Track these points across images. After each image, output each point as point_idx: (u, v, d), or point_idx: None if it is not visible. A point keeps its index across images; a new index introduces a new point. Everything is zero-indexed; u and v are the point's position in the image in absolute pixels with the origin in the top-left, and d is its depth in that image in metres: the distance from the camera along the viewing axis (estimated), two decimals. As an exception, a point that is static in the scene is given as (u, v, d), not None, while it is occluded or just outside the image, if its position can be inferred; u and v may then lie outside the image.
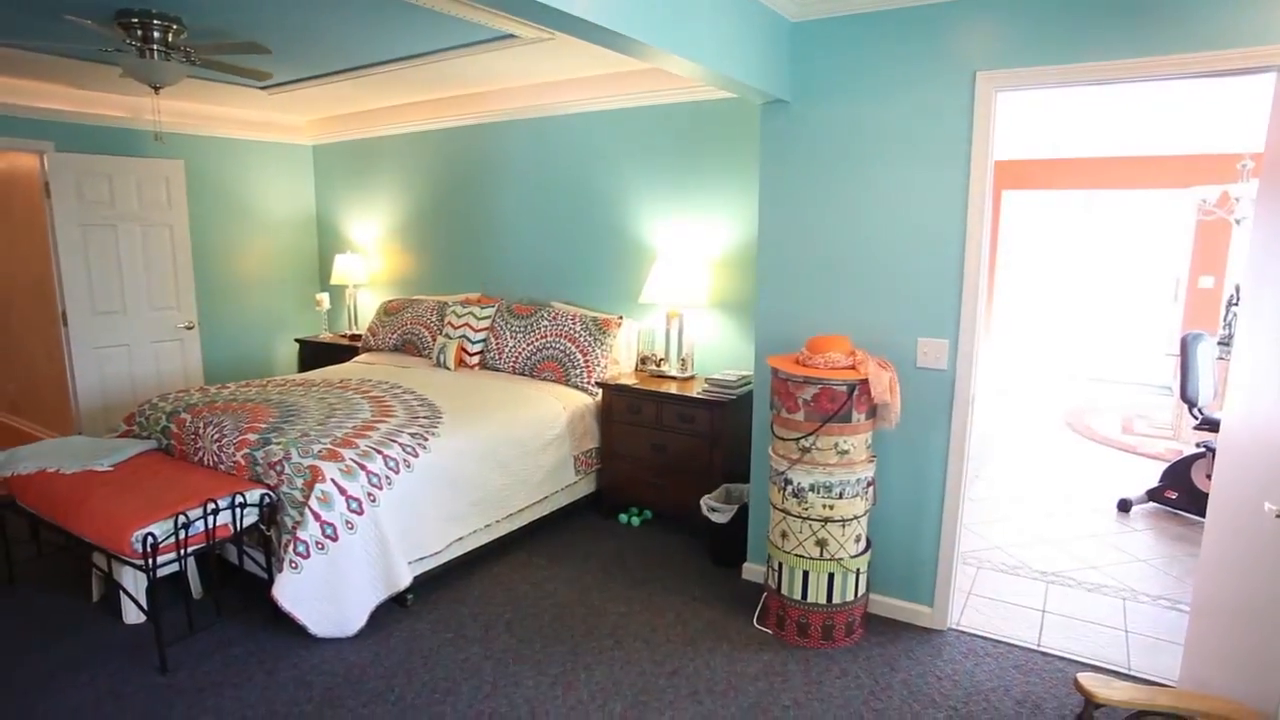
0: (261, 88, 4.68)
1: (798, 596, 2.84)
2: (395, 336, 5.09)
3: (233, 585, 3.13)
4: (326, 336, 5.95)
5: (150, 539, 2.54)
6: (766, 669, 2.70)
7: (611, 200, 4.48)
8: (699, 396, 3.67)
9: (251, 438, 3.15)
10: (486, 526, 3.46)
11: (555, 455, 3.82)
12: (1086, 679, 1.84)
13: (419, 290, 5.60)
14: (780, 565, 2.88)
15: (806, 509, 2.78)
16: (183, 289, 5.33)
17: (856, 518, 2.80)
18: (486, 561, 3.52)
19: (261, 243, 5.91)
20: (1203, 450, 4.15)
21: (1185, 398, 4.22)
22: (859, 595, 2.87)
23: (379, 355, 5.09)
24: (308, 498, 2.81)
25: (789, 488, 2.80)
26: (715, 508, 3.43)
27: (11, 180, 5.17)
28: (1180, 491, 4.21)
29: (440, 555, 3.22)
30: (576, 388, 4.15)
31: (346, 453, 2.97)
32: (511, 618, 3.04)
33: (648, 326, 4.37)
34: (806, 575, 2.82)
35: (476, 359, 4.60)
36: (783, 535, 2.87)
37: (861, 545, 2.87)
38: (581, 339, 4.22)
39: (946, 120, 2.71)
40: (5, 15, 3.12)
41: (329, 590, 2.79)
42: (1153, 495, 4.33)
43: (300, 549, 2.75)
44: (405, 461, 3.08)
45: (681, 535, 3.87)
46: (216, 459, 3.20)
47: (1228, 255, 6.94)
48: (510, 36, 3.49)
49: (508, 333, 4.51)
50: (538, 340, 4.36)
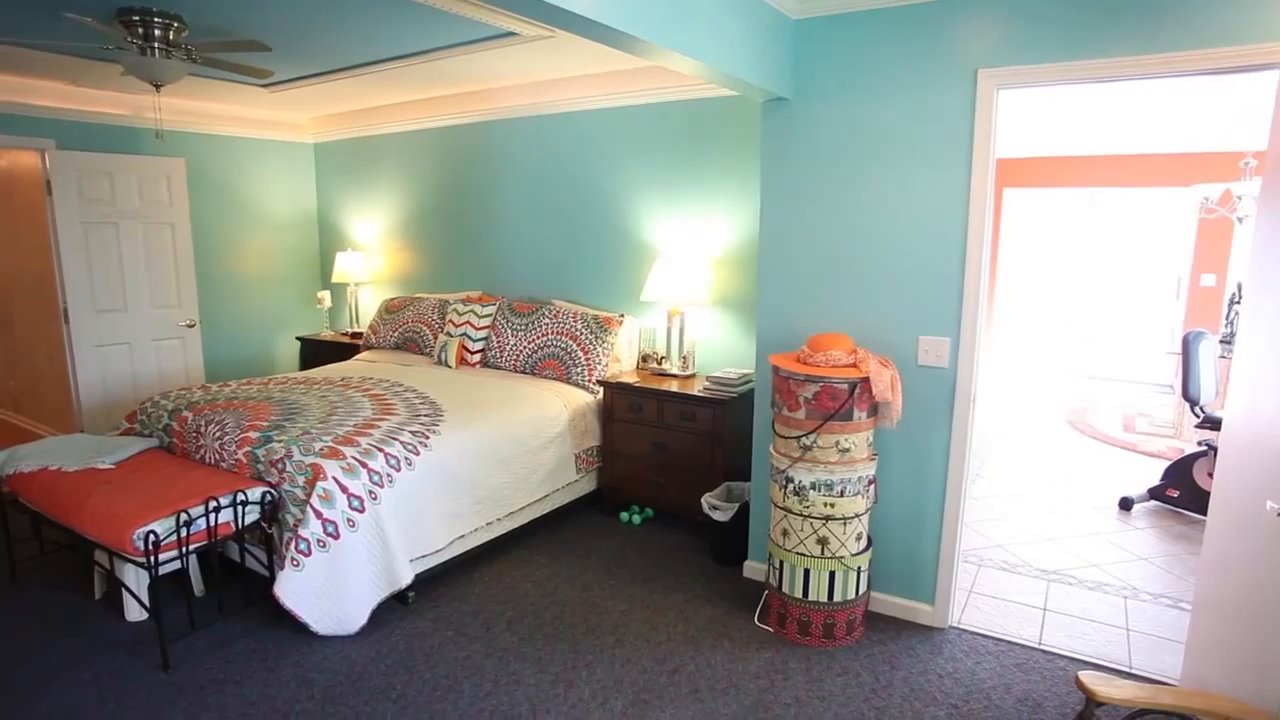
0: (263, 85, 4.68)
1: (799, 594, 2.84)
2: (396, 334, 5.10)
3: (234, 583, 3.13)
4: (328, 334, 5.96)
5: (152, 537, 2.55)
6: (767, 667, 2.70)
7: (613, 198, 4.48)
8: (700, 395, 3.67)
9: (253, 435, 3.15)
10: (488, 525, 3.46)
11: (556, 453, 3.82)
12: (1088, 677, 1.84)
13: (420, 288, 5.60)
14: (781, 563, 2.89)
15: (808, 507, 2.78)
16: (184, 287, 5.33)
17: (858, 516, 2.80)
18: (488, 559, 3.53)
19: (263, 241, 5.92)
20: (1204, 449, 4.15)
21: (1187, 396, 4.21)
22: (860, 593, 2.87)
23: (380, 353, 5.09)
24: (309, 495, 2.81)
25: (790, 486, 2.80)
26: (716, 506, 3.43)
27: (13, 178, 5.17)
28: (1182, 490, 4.21)
29: (441, 553, 3.23)
30: (577, 386, 4.15)
31: (348, 450, 2.98)
32: (513, 616, 3.04)
33: (649, 324, 4.37)
34: (808, 573, 2.82)
35: (478, 357, 4.60)
36: (784, 533, 2.87)
37: (863, 543, 2.87)
38: (583, 337, 4.22)
39: (948, 118, 2.71)
40: (6, 13, 3.12)
41: (330, 588, 2.79)
42: (1154, 493, 4.32)
43: (302, 547, 2.75)
44: (406, 459, 3.08)
45: (683, 533, 3.87)
46: (218, 457, 3.20)
47: (1230, 253, 6.93)
48: (511, 34, 3.49)
49: (509, 331, 4.51)
50: (539, 338, 4.36)
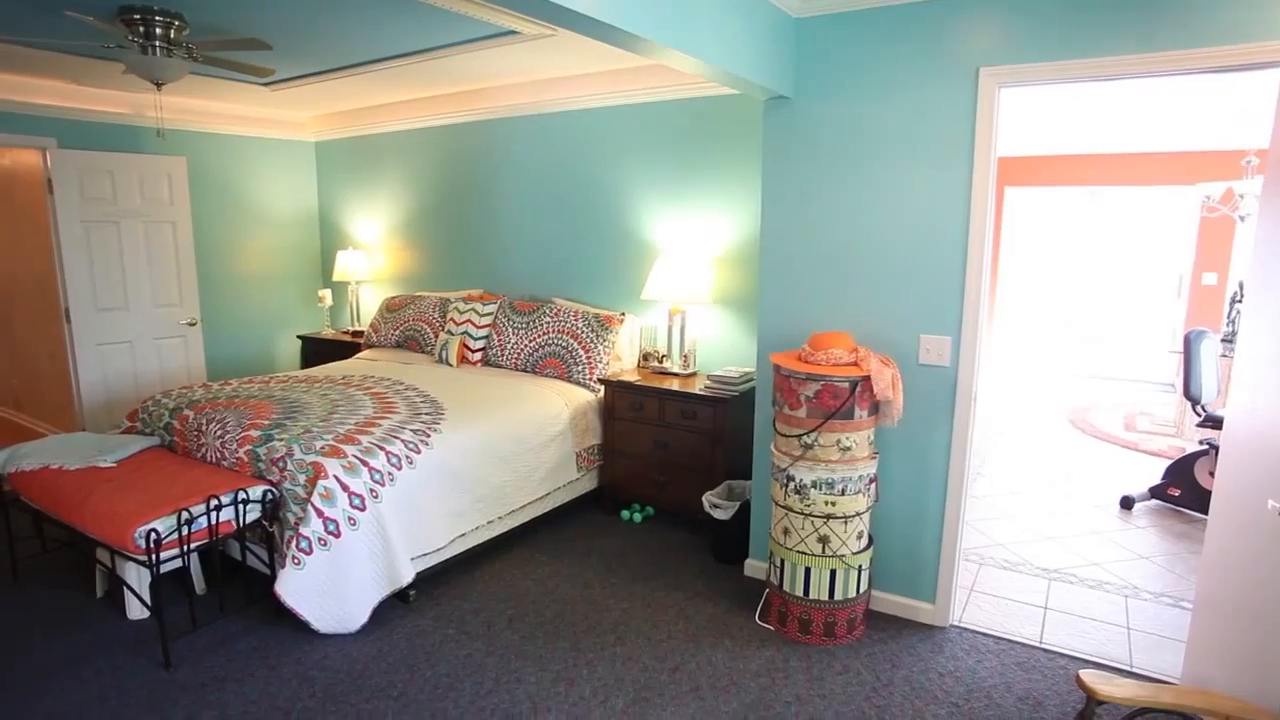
0: (264, 84, 4.68)
1: (800, 593, 2.84)
2: (397, 333, 5.10)
3: (235, 581, 3.14)
4: (329, 333, 5.96)
5: (153, 535, 2.55)
6: (768, 665, 2.70)
7: (614, 196, 4.48)
8: (701, 393, 3.67)
9: (254, 434, 3.15)
10: (489, 523, 3.46)
11: (557, 452, 3.82)
12: (1089, 676, 1.84)
13: (421, 287, 5.60)
14: (782, 562, 2.89)
15: (809, 506, 2.78)
16: (185, 285, 5.33)
17: (859, 514, 2.80)
18: (489, 558, 3.53)
19: (264, 239, 5.92)
20: (1206, 447, 4.14)
21: (1188, 395, 4.21)
22: (861, 592, 2.87)
23: (381, 352, 5.09)
24: (310, 494, 2.81)
25: (791, 484, 2.80)
26: (717, 504, 3.43)
27: (14, 177, 5.18)
28: (1183, 488, 4.21)
29: (442, 552, 3.23)
30: (579, 384, 4.15)
31: (349, 449, 2.98)
32: (514, 614, 3.04)
33: (650, 323, 4.37)
34: (808, 572, 2.82)
35: (479, 355, 4.60)
36: (785, 532, 2.87)
37: (863, 542, 2.87)
38: (584, 335, 4.22)
39: (949, 116, 2.71)
40: (7, 11, 3.12)
41: (331, 586, 2.79)
42: (1155, 492, 4.32)
43: (303, 545, 2.75)
44: (407, 458, 3.08)
45: (683, 532, 3.87)
46: (219, 455, 3.21)
47: (1231, 252, 6.92)
48: (512, 33, 3.48)
49: (510, 329, 4.51)
50: (540, 337, 4.36)
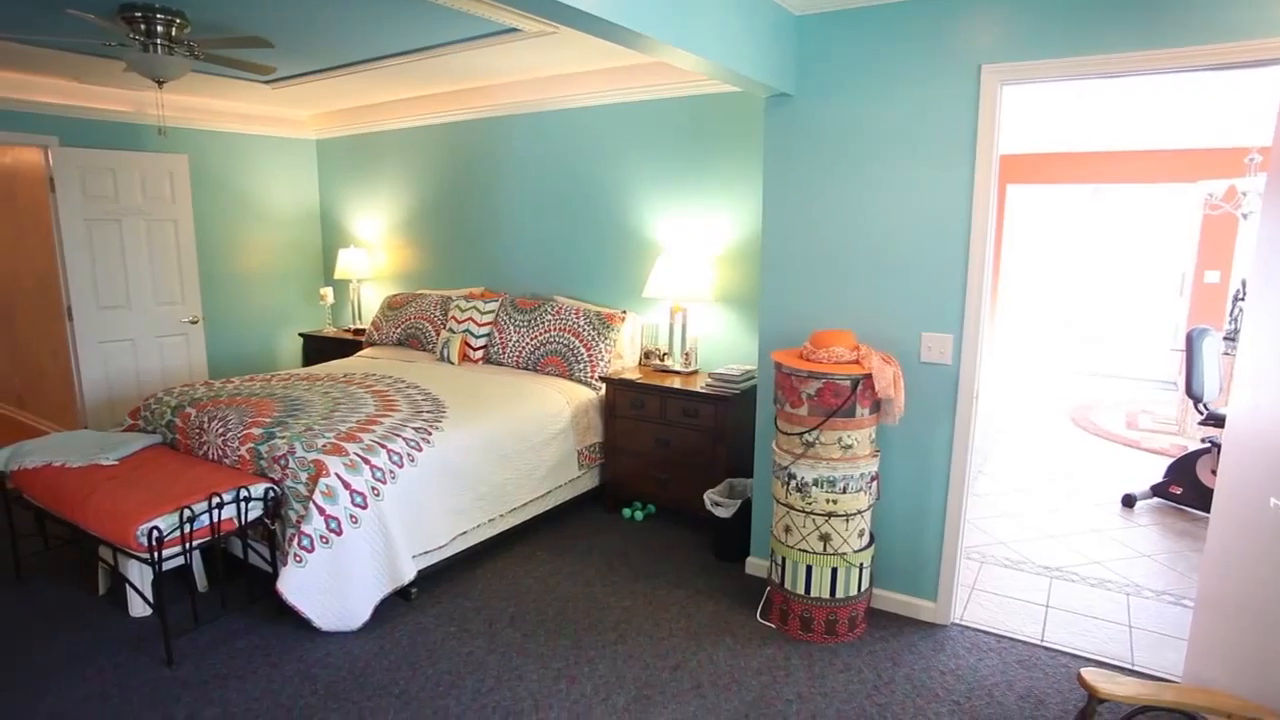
0: (265, 82, 4.68)
1: (801, 591, 2.84)
2: (399, 331, 5.10)
3: (237, 579, 3.14)
4: (330, 331, 5.96)
5: (155, 533, 2.55)
6: (769, 663, 2.70)
7: (615, 194, 4.48)
8: (703, 391, 3.67)
9: (256, 432, 3.16)
10: (490, 521, 3.47)
11: (559, 450, 3.83)
12: (1090, 674, 1.84)
13: (423, 285, 5.61)
14: (784, 560, 2.89)
15: (810, 504, 2.78)
16: (187, 284, 5.34)
17: (860, 512, 2.80)
18: (490, 556, 3.53)
19: (265, 237, 5.92)
20: (1208, 445, 4.14)
21: (1190, 393, 4.20)
22: (862, 590, 2.87)
23: (383, 350, 5.09)
24: (312, 492, 2.81)
25: (792, 482, 2.80)
26: (719, 502, 3.43)
27: (16, 175, 5.18)
28: (1185, 487, 4.20)
29: (444, 549, 3.23)
30: (580, 382, 4.15)
31: (351, 447, 2.98)
32: (515, 612, 3.05)
33: (651, 321, 4.37)
34: (810, 570, 2.82)
35: (480, 353, 4.60)
36: (786, 530, 2.87)
37: (865, 540, 2.87)
38: (585, 333, 4.22)
39: (951, 114, 2.70)
40: (9, 9, 3.12)
41: (333, 584, 2.80)
42: (1157, 490, 4.32)
43: (304, 543, 2.75)
44: (409, 456, 3.08)
45: (685, 530, 3.87)
46: (221, 453, 3.21)
47: (1234, 250, 6.91)
48: (514, 30, 3.48)
49: (511, 327, 4.51)
50: (541, 335, 4.36)
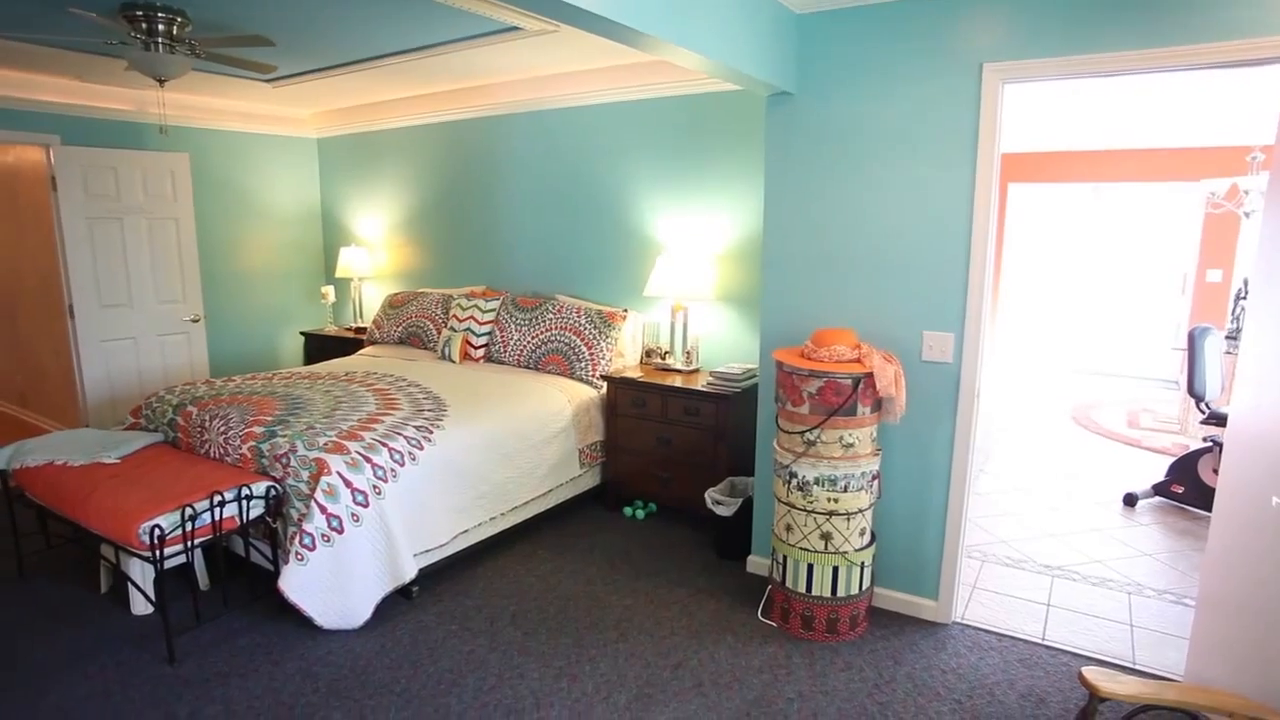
0: (266, 81, 4.68)
1: (802, 589, 2.84)
2: (400, 329, 5.10)
3: (239, 577, 3.15)
4: (331, 329, 5.97)
5: (157, 531, 2.56)
6: (771, 662, 2.70)
7: (616, 193, 4.48)
8: (704, 390, 3.66)
9: (257, 430, 3.16)
10: (491, 519, 3.47)
11: (560, 448, 3.83)
12: (1091, 673, 1.84)
13: (424, 283, 5.61)
14: (785, 558, 2.89)
15: (811, 502, 2.78)
16: (188, 282, 5.34)
17: (861, 511, 2.80)
18: (491, 554, 3.54)
19: (267, 236, 5.92)
20: (1209, 444, 4.13)
21: (1192, 392, 4.19)
22: (863, 589, 2.87)
23: (384, 348, 5.09)
24: (313, 490, 2.82)
25: (794, 481, 2.80)
26: (720, 501, 3.43)
27: (18, 174, 5.18)
28: (1186, 486, 4.20)
29: (445, 548, 3.24)
30: (581, 381, 4.15)
31: (352, 445, 2.98)
32: (516, 610, 3.05)
33: (652, 320, 4.37)
34: (811, 568, 2.82)
35: (481, 352, 4.61)
36: (787, 528, 2.87)
37: (866, 539, 2.87)
38: (586, 332, 4.22)
39: (953, 113, 2.70)
40: (11, 8, 3.13)
41: (335, 582, 2.80)
42: (1158, 489, 4.31)
43: (306, 541, 2.76)
44: (410, 454, 3.08)
45: (686, 528, 3.87)
46: (223, 451, 3.22)
47: (1236, 249, 6.89)
48: (514, 29, 3.48)
49: (512, 326, 4.51)
50: (542, 333, 4.36)
